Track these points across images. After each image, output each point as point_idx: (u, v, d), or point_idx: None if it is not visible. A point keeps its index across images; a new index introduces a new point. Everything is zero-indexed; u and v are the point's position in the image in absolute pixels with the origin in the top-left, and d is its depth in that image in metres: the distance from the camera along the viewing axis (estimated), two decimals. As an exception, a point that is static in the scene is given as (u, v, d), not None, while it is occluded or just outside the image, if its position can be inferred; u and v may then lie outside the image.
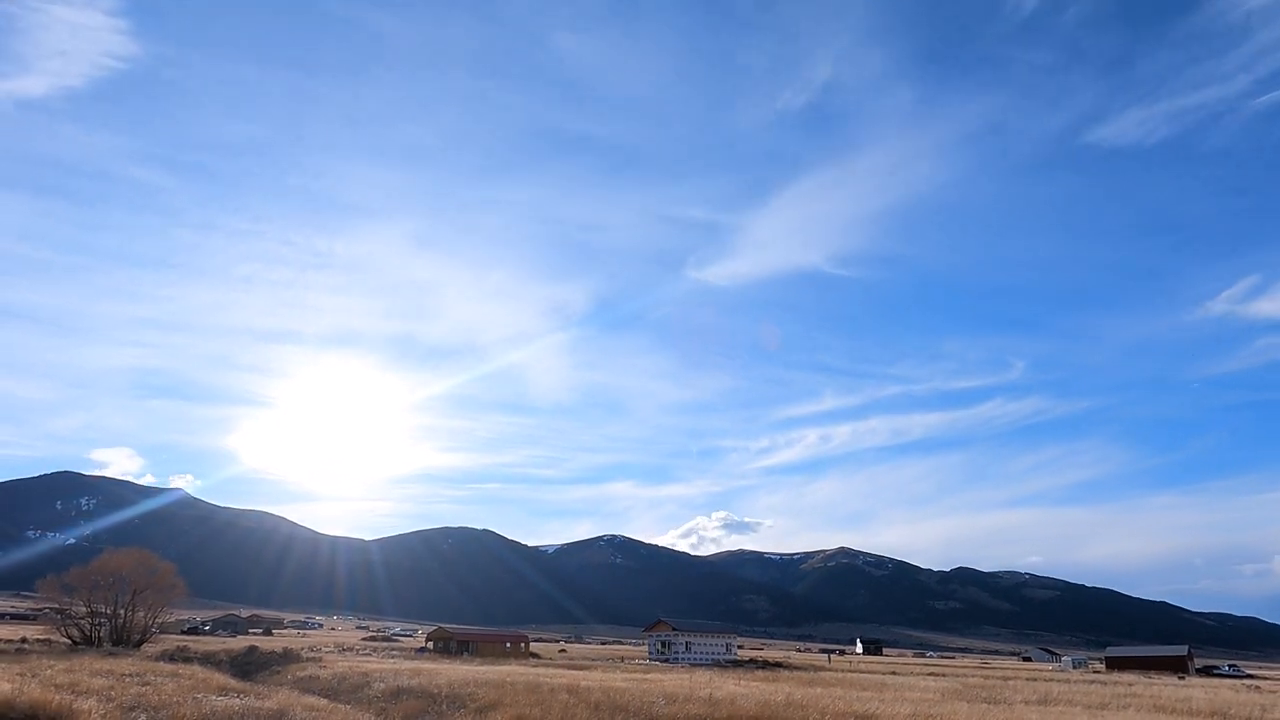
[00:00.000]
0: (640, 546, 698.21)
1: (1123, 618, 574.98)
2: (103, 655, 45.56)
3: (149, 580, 62.39)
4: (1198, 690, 55.19)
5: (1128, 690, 50.69)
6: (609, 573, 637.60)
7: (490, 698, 27.65)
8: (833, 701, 28.56)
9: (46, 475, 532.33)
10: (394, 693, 31.48)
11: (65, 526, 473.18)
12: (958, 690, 45.92)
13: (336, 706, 28.37)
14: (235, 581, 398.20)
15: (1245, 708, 38.36)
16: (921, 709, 27.56)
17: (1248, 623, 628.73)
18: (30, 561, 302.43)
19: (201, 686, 30.36)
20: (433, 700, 28.90)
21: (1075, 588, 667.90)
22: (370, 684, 34.42)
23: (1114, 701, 39.85)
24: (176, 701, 24.78)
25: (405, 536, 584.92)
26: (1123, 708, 35.97)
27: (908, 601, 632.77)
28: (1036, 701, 38.44)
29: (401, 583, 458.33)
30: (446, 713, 26.43)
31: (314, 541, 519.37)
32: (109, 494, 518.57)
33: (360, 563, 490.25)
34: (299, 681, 38.29)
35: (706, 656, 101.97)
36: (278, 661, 47.12)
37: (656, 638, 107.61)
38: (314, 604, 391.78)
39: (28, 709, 21.76)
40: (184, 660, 45.63)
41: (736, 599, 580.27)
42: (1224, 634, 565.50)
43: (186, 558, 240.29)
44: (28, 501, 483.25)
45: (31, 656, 43.45)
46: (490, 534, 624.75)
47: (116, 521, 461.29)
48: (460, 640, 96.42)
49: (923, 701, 33.06)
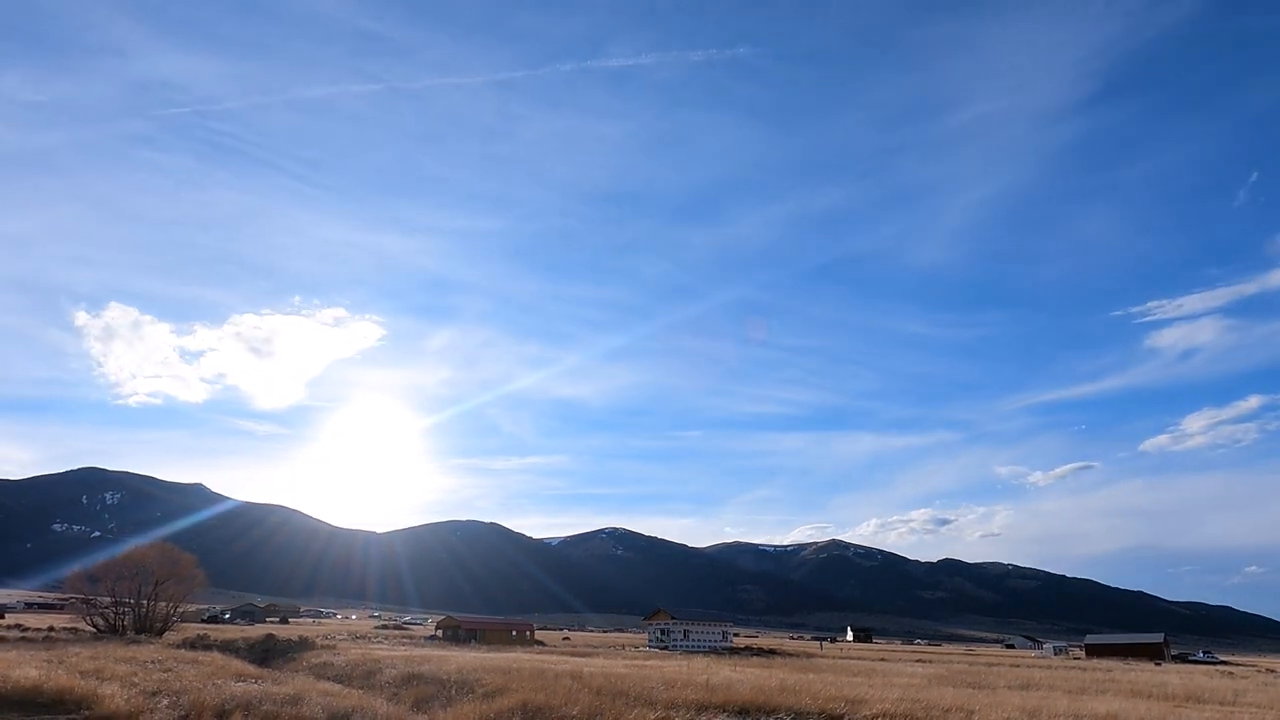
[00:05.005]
0: (640, 539, 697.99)
1: (1101, 605, 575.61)
2: (126, 643, 45.56)
3: (170, 571, 62.44)
4: (1173, 676, 55.23)
5: (1106, 676, 50.71)
6: (610, 564, 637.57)
7: (497, 683, 27.65)
8: (824, 686, 28.56)
9: (73, 471, 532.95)
10: (405, 679, 31.46)
11: (90, 520, 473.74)
12: (944, 676, 45.94)
13: (350, 691, 28.36)
14: (253, 572, 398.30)
15: (1219, 692, 38.39)
16: (909, 693, 27.55)
17: (1221, 611, 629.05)
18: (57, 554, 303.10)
19: (221, 673, 30.35)
20: (442, 685, 28.88)
21: (1056, 578, 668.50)
22: (382, 670, 34.40)
23: (1093, 687, 39.86)
24: (197, 687, 24.77)
25: (416, 529, 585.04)
26: (1101, 693, 35.97)
27: (896, 591, 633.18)
28: (1019, 686, 38.43)
29: (412, 574, 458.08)
30: (455, 697, 26.41)
31: (329, 534, 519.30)
32: (132, 489, 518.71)
33: (373, 554, 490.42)
34: (314, 668, 38.26)
35: (704, 644, 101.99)
36: (294, 649, 47.04)
37: (656, 626, 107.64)
38: (329, 594, 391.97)
39: (55, 694, 21.80)
40: (204, 648, 45.57)
41: (733, 589, 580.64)
42: (1198, 622, 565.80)
43: (206, 549, 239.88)
44: (54, 496, 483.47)
45: (58, 644, 43.48)
46: (496, 527, 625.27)
47: (139, 515, 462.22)
48: (468, 629, 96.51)
49: (910, 686, 33.08)
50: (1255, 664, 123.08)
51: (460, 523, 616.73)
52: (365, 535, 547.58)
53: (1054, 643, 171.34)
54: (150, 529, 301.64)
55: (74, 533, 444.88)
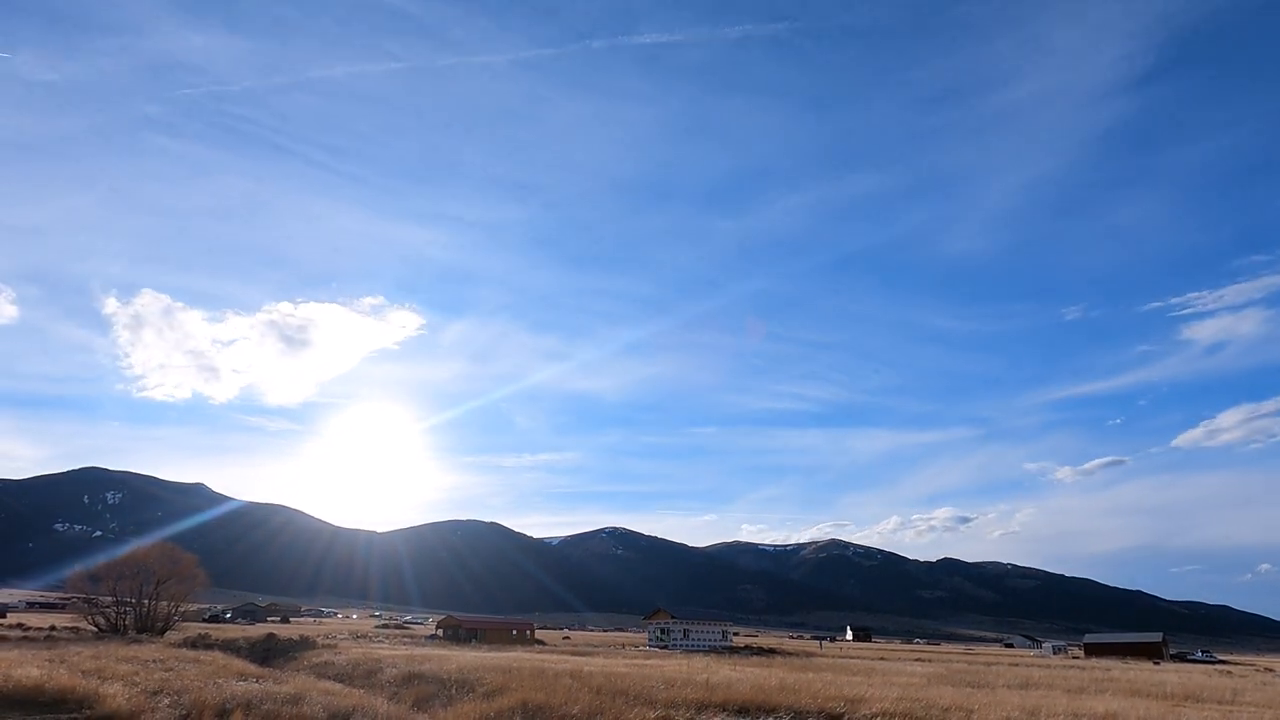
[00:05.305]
0: (640, 538, 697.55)
1: (1100, 605, 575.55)
2: (128, 642, 45.55)
3: (172, 571, 62.47)
4: (1172, 675, 55.16)
5: (1105, 675, 50.64)
6: (610, 563, 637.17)
7: (498, 682, 27.64)
8: (824, 685, 28.54)
9: (74, 471, 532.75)
10: (406, 678, 31.45)
11: (92, 520, 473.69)
12: (943, 675, 45.89)
13: (351, 691, 28.35)
14: (255, 572, 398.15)
15: (1217, 691, 38.36)
16: (908, 692, 27.53)
17: (1220, 611, 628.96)
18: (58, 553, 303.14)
19: (222, 672, 30.34)
20: (443, 685, 28.87)
21: (1055, 577, 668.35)
22: (383, 669, 34.39)
23: (1092, 686, 39.81)
24: (198, 686, 24.76)
25: (418, 529, 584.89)
26: (1100, 692, 35.92)
27: (896, 591, 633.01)
28: (1018, 686, 38.39)
29: (414, 573, 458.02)
30: (456, 696, 26.40)
31: (331, 534, 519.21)
32: (134, 489, 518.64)
33: (374, 554, 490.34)
34: (315, 667, 38.25)
35: (703, 643, 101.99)
36: (294, 648, 47.04)
37: (656, 625, 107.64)
38: (331, 593, 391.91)
39: (56, 694, 21.78)
40: (205, 647, 45.56)
41: (732, 588, 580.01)
42: (1197, 621, 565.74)
43: (208, 549, 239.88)
44: (56, 496, 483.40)
45: (60, 644, 43.46)
46: (497, 526, 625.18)
47: (141, 515, 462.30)
48: (469, 628, 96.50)
49: (909, 685, 33.04)
50: (1253, 663, 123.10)
51: (461, 522, 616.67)
52: (367, 535, 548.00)
53: (1053, 642, 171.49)
54: (152, 529, 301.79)
55: (76, 532, 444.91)
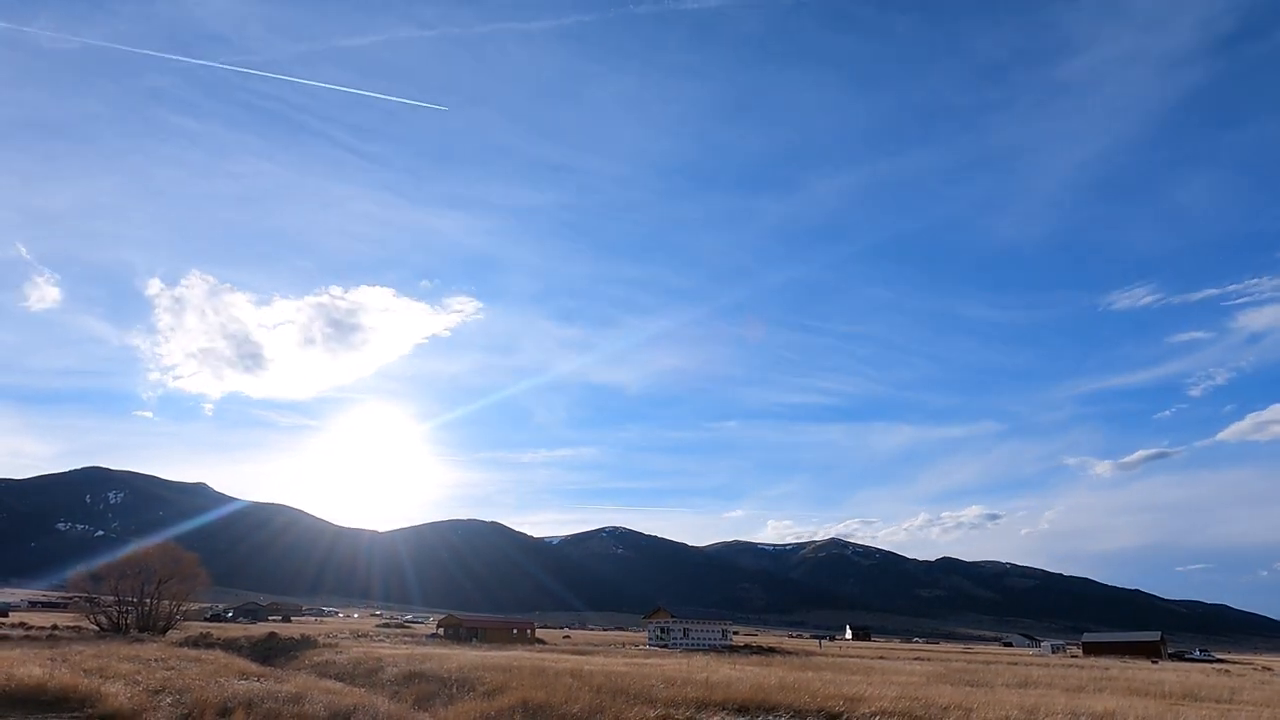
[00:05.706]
0: (640, 537, 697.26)
1: (1099, 604, 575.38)
2: (129, 642, 45.56)
3: (173, 570, 62.49)
4: (1170, 674, 55.21)
5: (1104, 674, 50.64)
6: (610, 562, 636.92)
7: (498, 681, 27.65)
8: (823, 684, 28.55)
9: (76, 470, 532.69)
10: (407, 677, 31.47)
11: (94, 520, 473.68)
12: (942, 674, 45.89)
13: (352, 690, 28.35)
14: (256, 572, 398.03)
15: (1215, 690, 38.36)
16: (908, 691, 27.52)
17: (1218, 610, 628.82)
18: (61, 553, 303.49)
19: (224, 671, 30.35)
20: (444, 684, 28.90)
21: (1054, 576, 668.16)
22: (384, 668, 34.41)
23: (1091, 684, 39.82)
24: (200, 685, 24.77)
25: (419, 528, 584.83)
26: (1099, 690, 35.93)
27: (895, 590, 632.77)
28: (1017, 685, 38.40)
29: (414, 572, 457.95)
30: (457, 695, 26.41)
31: (334, 534, 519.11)
32: (136, 488, 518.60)
33: (376, 553, 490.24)
34: (316, 666, 38.27)
35: (703, 642, 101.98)
36: (296, 647, 47.07)
37: (656, 625, 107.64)
38: (333, 593, 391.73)
39: (58, 692, 21.79)
40: (207, 646, 45.59)
41: (732, 587, 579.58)
42: (1195, 620, 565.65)
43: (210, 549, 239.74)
44: (58, 496, 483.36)
45: (62, 643, 43.45)
46: (497, 526, 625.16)
47: (143, 514, 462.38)
48: (469, 627, 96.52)
49: (909, 684, 33.05)
50: (1251, 662, 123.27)
51: (461, 522, 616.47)
52: (369, 534, 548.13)
53: (1052, 641, 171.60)
54: (154, 529, 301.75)
55: (78, 532, 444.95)
